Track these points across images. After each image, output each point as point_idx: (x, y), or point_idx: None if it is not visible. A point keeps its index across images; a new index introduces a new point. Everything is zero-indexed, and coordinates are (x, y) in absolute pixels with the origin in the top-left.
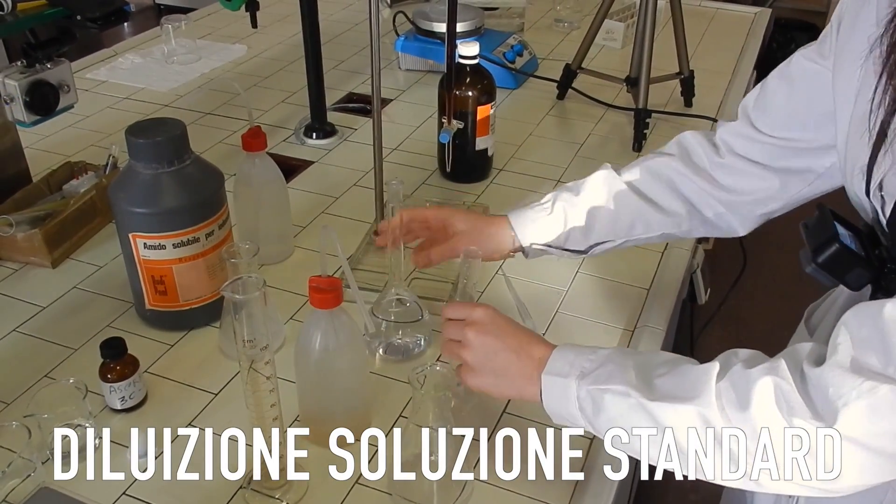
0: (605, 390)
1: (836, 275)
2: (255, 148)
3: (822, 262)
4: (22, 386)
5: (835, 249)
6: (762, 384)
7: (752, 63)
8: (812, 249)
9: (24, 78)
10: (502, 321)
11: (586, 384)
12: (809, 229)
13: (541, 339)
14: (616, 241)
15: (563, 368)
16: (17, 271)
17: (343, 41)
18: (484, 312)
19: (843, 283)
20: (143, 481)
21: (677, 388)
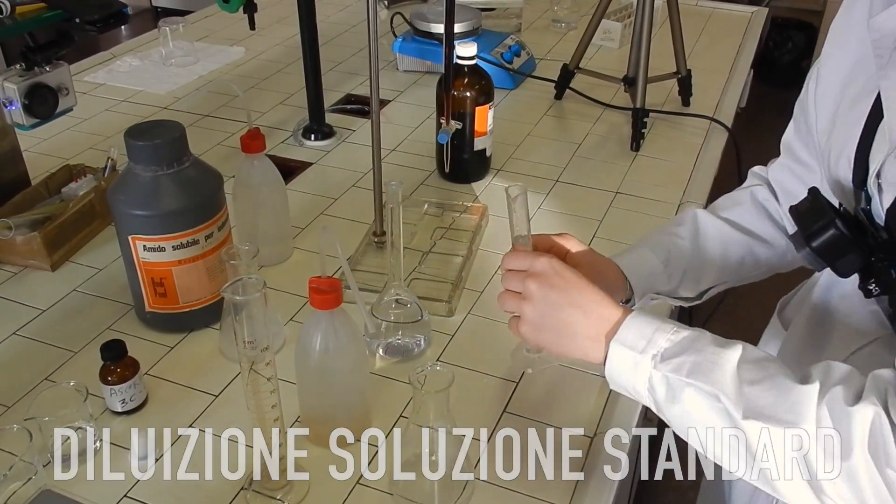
0: (689, 384)
1: (828, 259)
2: (254, 150)
3: (816, 246)
4: (22, 389)
5: (832, 234)
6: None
7: (749, 62)
8: (807, 233)
9: (22, 81)
10: (569, 273)
11: (665, 368)
12: (802, 213)
13: (611, 299)
14: (727, 284)
15: (638, 342)
16: (17, 274)
17: (341, 43)
18: (548, 263)
19: (833, 269)
20: (144, 483)
21: (774, 406)
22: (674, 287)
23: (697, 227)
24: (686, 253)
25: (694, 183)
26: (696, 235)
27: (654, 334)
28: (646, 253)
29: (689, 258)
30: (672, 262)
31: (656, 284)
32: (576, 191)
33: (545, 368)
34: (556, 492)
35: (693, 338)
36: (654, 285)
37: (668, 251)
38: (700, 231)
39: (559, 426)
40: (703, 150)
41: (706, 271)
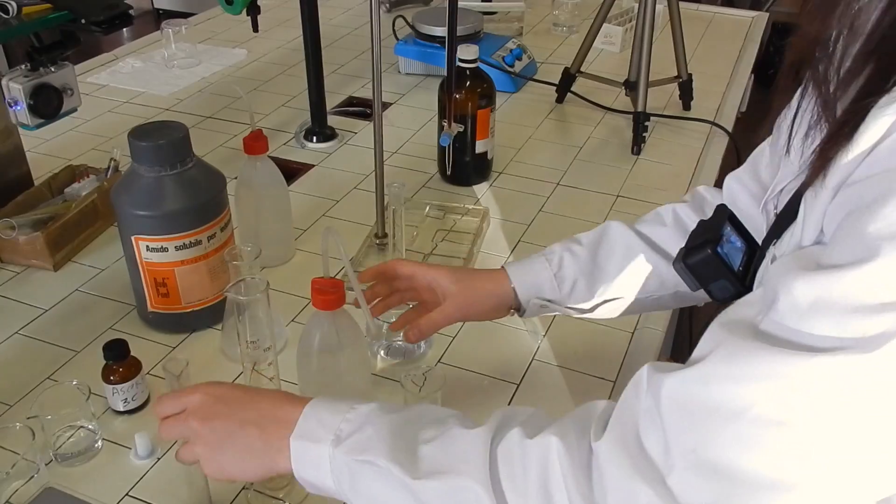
0: (364, 462)
1: (700, 280)
2: (257, 151)
3: (690, 264)
4: (25, 388)
5: (705, 255)
6: (539, 461)
7: (749, 67)
8: (686, 248)
9: (28, 81)
10: (231, 392)
11: (341, 452)
12: (700, 227)
13: (290, 398)
14: (626, 299)
15: (316, 431)
16: (20, 274)
17: (343, 45)
18: (202, 393)
19: (706, 291)
20: (146, 482)
21: (444, 459)
22: (564, 295)
23: (602, 238)
24: (581, 262)
25: (695, 187)
26: (597, 245)
27: (331, 417)
28: (538, 259)
29: (583, 268)
30: (563, 270)
31: (544, 291)
32: (577, 194)
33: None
34: None
35: (369, 411)
36: (542, 292)
37: (562, 259)
38: (604, 242)
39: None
40: (703, 153)
41: (600, 283)
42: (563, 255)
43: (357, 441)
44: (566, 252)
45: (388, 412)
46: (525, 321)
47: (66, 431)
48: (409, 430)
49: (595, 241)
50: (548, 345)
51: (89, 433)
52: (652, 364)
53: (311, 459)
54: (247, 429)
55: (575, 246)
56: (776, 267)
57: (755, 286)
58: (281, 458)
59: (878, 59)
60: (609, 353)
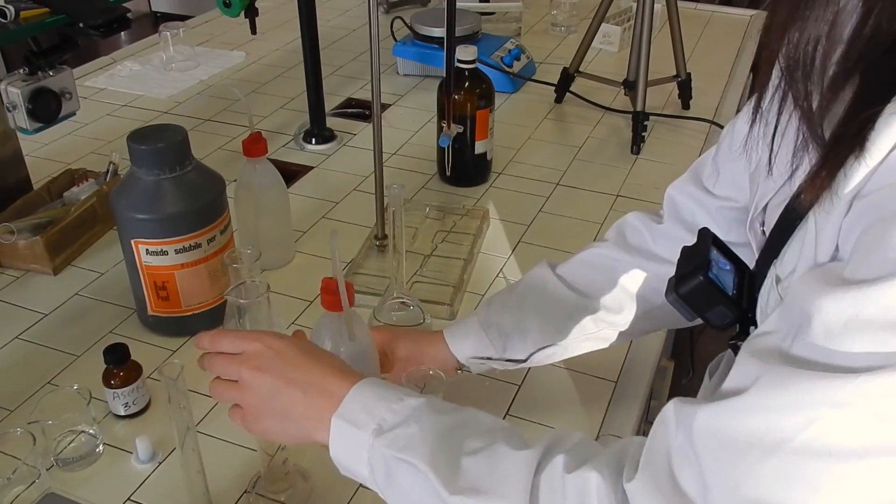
0: (402, 461)
1: (696, 309)
2: (256, 153)
3: (683, 293)
4: (25, 393)
5: (697, 282)
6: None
7: (748, 65)
8: (677, 277)
9: (26, 85)
10: (288, 350)
11: (382, 445)
12: (686, 254)
13: (342, 371)
14: (558, 345)
15: (359, 416)
16: (19, 278)
17: (341, 47)
18: (262, 345)
19: (704, 319)
20: (147, 486)
21: (486, 478)
22: (500, 351)
23: (528, 285)
24: (510, 312)
25: None
26: (524, 294)
27: (377, 405)
28: (470, 321)
29: (512, 319)
30: (493, 328)
31: (480, 350)
32: (576, 194)
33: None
34: None
35: (417, 405)
36: (479, 351)
37: (489, 317)
38: (529, 289)
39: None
40: (703, 152)
41: (530, 333)
42: (493, 311)
43: (399, 436)
44: (497, 305)
45: (436, 411)
46: None
47: (66, 436)
48: (454, 436)
49: (521, 290)
50: None
51: (90, 438)
52: (678, 399)
53: (349, 443)
54: (293, 391)
55: (506, 296)
56: (797, 287)
57: (758, 309)
58: (319, 431)
59: (863, 73)
60: (610, 353)
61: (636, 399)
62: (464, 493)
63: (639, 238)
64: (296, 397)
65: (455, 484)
